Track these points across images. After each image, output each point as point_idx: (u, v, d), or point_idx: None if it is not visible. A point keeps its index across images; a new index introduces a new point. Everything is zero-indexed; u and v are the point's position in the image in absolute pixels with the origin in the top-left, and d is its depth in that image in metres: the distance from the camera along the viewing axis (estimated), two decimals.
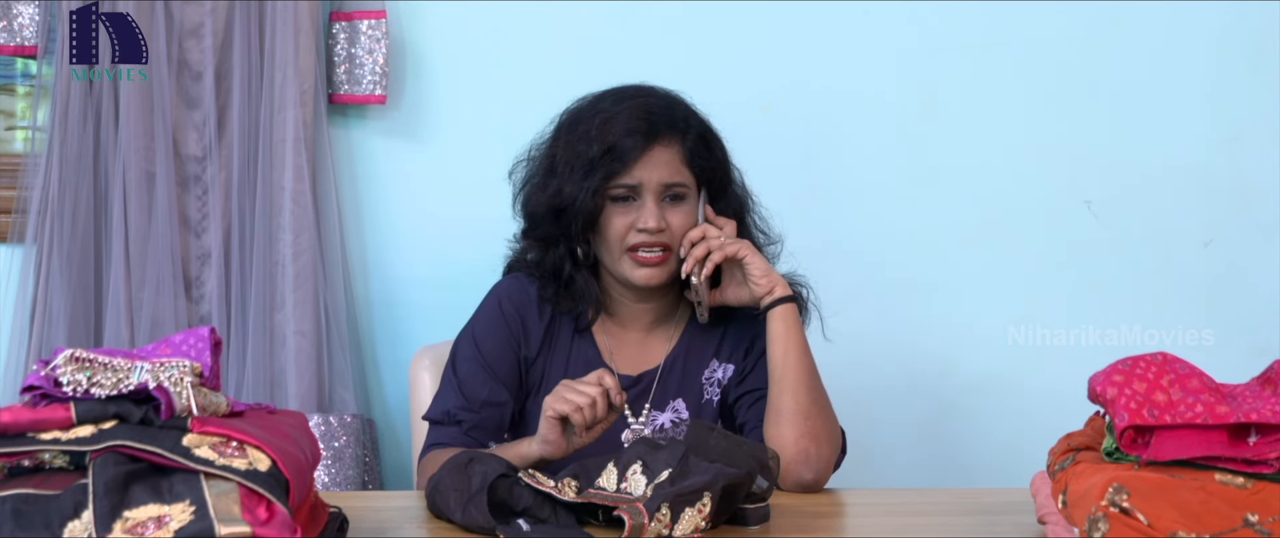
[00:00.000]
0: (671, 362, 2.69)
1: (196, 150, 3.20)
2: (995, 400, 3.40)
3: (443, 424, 2.61)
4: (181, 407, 1.85)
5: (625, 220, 2.59)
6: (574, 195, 2.57)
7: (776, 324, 2.56)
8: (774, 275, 2.58)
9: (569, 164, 2.59)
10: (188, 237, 3.21)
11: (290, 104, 3.16)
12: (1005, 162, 3.39)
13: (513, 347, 2.65)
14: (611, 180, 2.57)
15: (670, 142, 2.60)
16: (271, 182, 3.19)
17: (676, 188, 2.60)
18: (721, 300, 2.64)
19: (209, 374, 1.93)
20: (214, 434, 1.85)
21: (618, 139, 2.57)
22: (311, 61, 3.18)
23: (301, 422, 2.03)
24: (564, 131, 2.64)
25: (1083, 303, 3.39)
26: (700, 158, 2.62)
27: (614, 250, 2.60)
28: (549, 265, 2.65)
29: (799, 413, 2.51)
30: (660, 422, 2.65)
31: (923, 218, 3.39)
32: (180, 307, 3.18)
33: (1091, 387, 2.07)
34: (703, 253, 2.58)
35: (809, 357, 2.56)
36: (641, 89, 2.66)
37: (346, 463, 3.17)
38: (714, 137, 2.66)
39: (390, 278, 3.33)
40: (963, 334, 3.40)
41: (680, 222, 2.60)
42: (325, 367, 3.21)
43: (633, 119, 2.58)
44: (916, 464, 3.41)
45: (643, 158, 2.58)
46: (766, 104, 3.30)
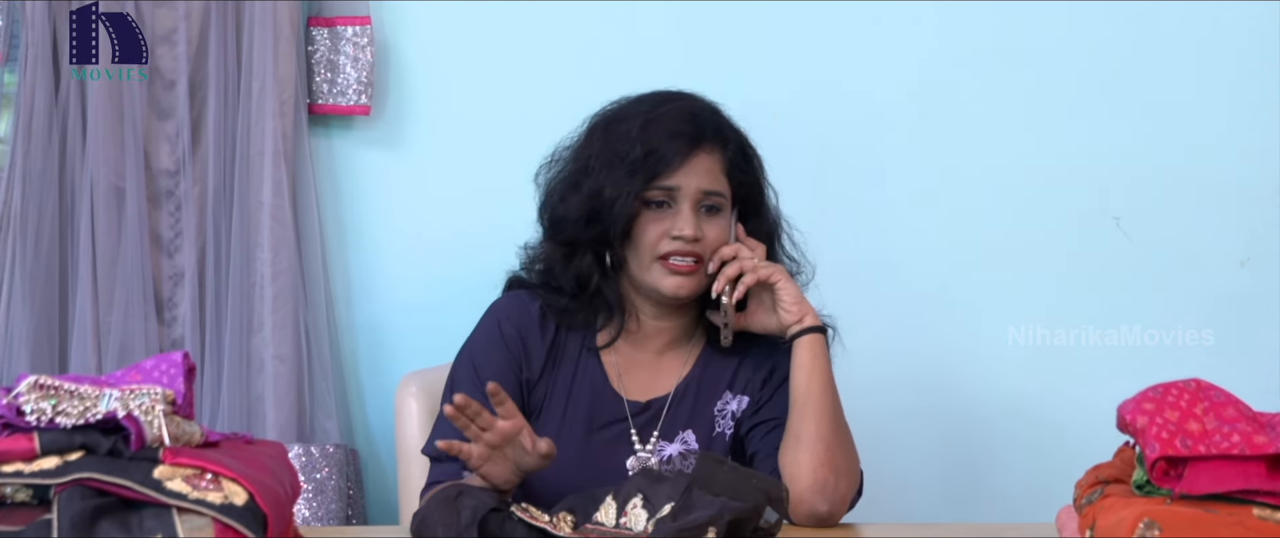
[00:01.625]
0: (683, 390, 2.69)
1: (169, 163, 3.20)
2: (1020, 426, 3.39)
3: (442, 460, 2.58)
4: (153, 437, 1.85)
5: (660, 227, 2.60)
6: (613, 197, 2.59)
7: (803, 353, 2.58)
8: (806, 305, 2.61)
9: (608, 165, 2.61)
10: (159, 256, 3.21)
11: (269, 114, 3.16)
12: (1029, 171, 3.38)
13: (514, 369, 2.65)
14: (652, 182, 2.59)
15: (713, 149, 2.63)
16: (248, 197, 3.18)
17: (715, 198, 2.62)
18: (745, 326, 2.65)
19: (182, 402, 1.93)
20: (187, 466, 1.84)
21: (661, 142, 2.60)
22: (292, 69, 3.18)
23: (280, 453, 2.03)
24: (599, 132, 2.66)
25: (1116, 318, 3.38)
26: (739, 170, 2.65)
27: (644, 257, 2.61)
28: (572, 275, 2.65)
29: (819, 440, 2.53)
30: (667, 453, 2.65)
31: (942, 230, 3.40)
32: (151, 330, 3.17)
33: (1121, 415, 2.05)
34: (735, 272, 2.60)
35: (834, 389, 2.58)
36: (682, 94, 2.69)
37: (328, 496, 3.16)
38: (752, 151, 2.70)
39: (375, 299, 3.32)
40: (985, 354, 3.40)
41: (714, 234, 2.62)
42: (306, 394, 3.20)
43: (677, 122, 2.61)
44: (935, 493, 3.41)
45: (686, 163, 2.60)
46: (775, 112, 3.31)
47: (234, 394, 3.19)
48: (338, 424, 3.23)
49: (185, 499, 1.80)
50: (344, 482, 3.20)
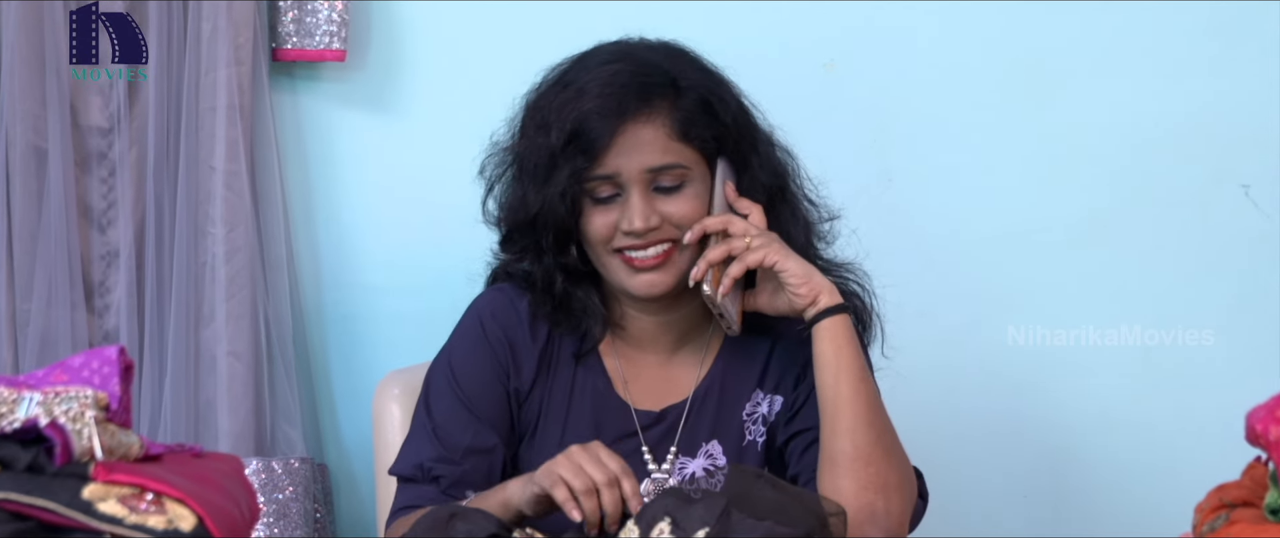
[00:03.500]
0: (703, 394, 2.68)
1: (100, 120, 3.20)
2: (1122, 443, 3.41)
3: (416, 482, 2.60)
4: (82, 449, 1.84)
5: (607, 221, 2.58)
6: (538, 202, 2.57)
7: (824, 343, 2.54)
8: (816, 280, 2.55)
9: (532, 161, 2.60)
10: (89, 231, 3.21)
11: (222, 62, 3.16)
12: (1134, 138, 3.39)
13: (500, 378, 2.65)
14: (582, 176, 2.55)
15: (653, 113, 2.58)
16: (197, 160, 3.18)
17: (668, 172, 2.58)
18: (756, 308, 2.62)
19: (118, 407, 1.92)
20: (124, 484, 1.84)
21: (582, 122, 2.56)
22: (250, 8, 3.18)
23: (236, 468, 2.03)
24: (527, 119, 2.65)
25: (1242, 312, 3.41)
26: (700, 126, 2.59)
27: (603, 258, 2.61)
28: (539, 280, 2.63)
29: (858, 459, 2.50)
30: (690, 471, 2.65)
31: (1025, 209, 3.41)
32: (79, 320, 3.17)
33: (1250, 425, 2.04)
34: (720, 256, 2.55)
35: (868, 386, 2.54)
36: (618, 49, 2.66)
37: (292, 520, 3.16)
38: (722, 96, 2.64)
39: (349, 284, 3.34)
40: (1076, 358, 3.41)
41: (682, 210, 2.58)
42: (265, 398, 3.20)
43: (598, 93, 2.57)
44: (1018, 524, 3.41)
45: (614, 141, 2.56)
46: (829, 61, 3.29)
47: (179, 398, 3.19)
48: (303, 434, 3.24)
49: (121, 524, 1.80)
50: (310, 502, 3.20)
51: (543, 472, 2.36)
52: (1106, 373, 3.38)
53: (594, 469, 2.33)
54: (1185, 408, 3.36)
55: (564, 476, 2.33)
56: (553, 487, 2.33)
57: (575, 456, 2.35)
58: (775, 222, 2.63)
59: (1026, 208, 3.40)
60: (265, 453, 3.18)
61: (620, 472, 2.32)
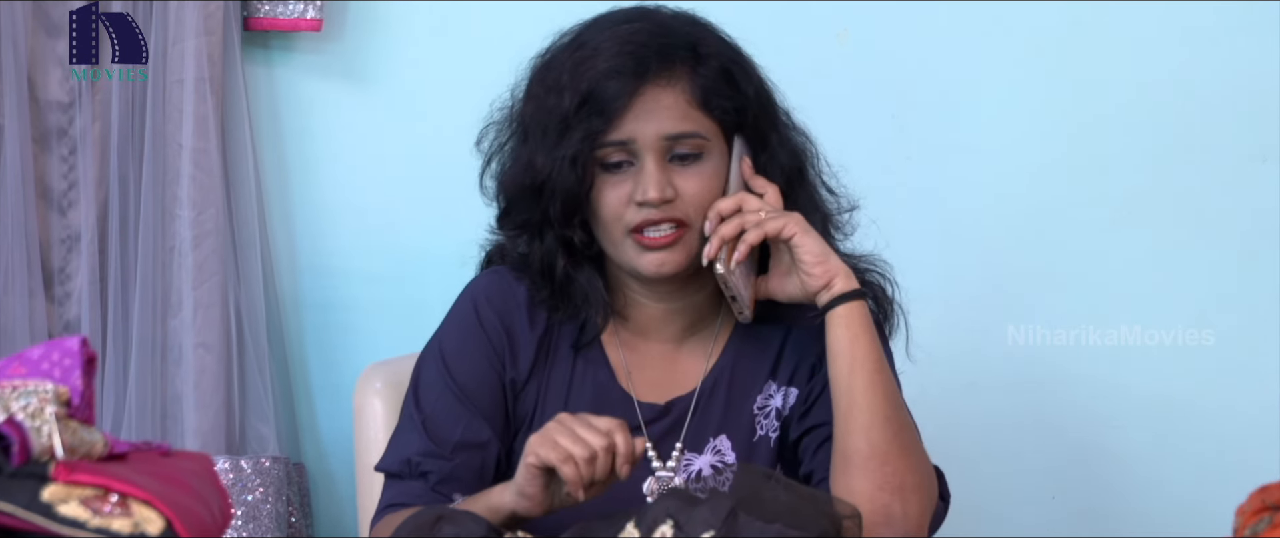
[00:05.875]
0: (711, 385, 2.67)
1: (61, 94, 3.23)
2: (1159, 439, 3.42)
3: (402, 478, 2.60)
4: (41, 447, 1.84)
5: (619, 193, 2.57)
6: (548, 168, 2.56)
7: (838, 330, 2.52)
8: (833, 262, 2.54)
9: (541, 125, 2.59)
10: (48, 212, 3.23)
11: (190, 31, 3.19)
12: (1175, 110, 3.40)
13: (495, 367, 2.64)
14: (597, 139, 2.55)
15: (671, 79, 2.58)
16: (164, 137, 3.20)
17: (685, 141, 2.57)
18: (768, 294, 2.62)
19: (80, 402, 1.92)
20: (86, 485, 1.83)
21: (596, 83, 2.55)
22: None
23: (206, 467, 2.02)
24: (535, 82, 2.64)
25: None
26: (721, 96, 2.59)
27: (612, 234, 2.59)
28: (538, 261, 2.64)
29: (874, 458, 2.49)
30: (696, 467, 2.64)
31: (1056, 187, 3.42)
32: (37, 309, 3.20)
33: None
34: (733, 231, 2.55)
35: (886, 377, 2.52)
36: (636, 10, 2.65)
37: (264, 522, 3.18)
38: (743, 66, 2.64)
39: (327, 270, 3.37)
40: (1110, 348, 3.43)
41: (697, 187, 2.58)
42: (236, 392, 3.23)
43: (615, 53, 2.56)
44: (1044, 525, 3.43)
45: (633, 104, 2.55)
46: (843, 30, 3.30)
47: (145, 392, 3.21)
48: (277, 431, 3.27)
49: (83, 528, 1.80)
50: (284, 505, 3.23)
51: (544, 445, 2.34)
52: (1141, 369, 3.39)
53: (592, 436, 2.34)
54: (1228, 405, 3.36)
55: (546, 451, 2.34)
56: (562, 463, 2.33)
57: (551, 430, 2.35)
58: (791, 207, 2.62)
59: (1059, 183, 3.42)
60: (235, 451, 3.22)
61: (602, 439, 2.34)
